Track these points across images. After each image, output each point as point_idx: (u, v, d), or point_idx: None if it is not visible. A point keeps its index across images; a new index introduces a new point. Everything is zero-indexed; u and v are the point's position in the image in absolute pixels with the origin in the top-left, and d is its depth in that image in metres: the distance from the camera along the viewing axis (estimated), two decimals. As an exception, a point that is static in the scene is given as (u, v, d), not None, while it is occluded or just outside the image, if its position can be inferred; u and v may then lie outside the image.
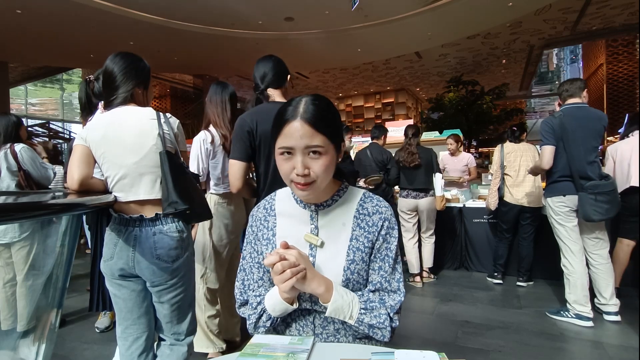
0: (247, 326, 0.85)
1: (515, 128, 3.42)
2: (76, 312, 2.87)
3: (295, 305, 0.79)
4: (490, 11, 6.51)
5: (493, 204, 3.33)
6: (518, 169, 3.19)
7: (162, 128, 1.31)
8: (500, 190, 3.27)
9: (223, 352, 2.07)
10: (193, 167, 1.97)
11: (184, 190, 1.26)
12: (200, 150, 1.96)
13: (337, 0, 5.87)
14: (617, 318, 2.42)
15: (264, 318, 0.82)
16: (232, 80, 11.59)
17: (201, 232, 2.03)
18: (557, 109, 2.56)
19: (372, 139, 3.73)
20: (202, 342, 2.05)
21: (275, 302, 0.79)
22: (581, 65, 13.39)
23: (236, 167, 1.52)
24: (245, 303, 0.89)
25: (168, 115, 1.38)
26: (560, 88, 2.56)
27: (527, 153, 3.22)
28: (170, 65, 9.46)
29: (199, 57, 8.63)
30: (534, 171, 2.67)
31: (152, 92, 1.49)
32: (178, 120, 1.42)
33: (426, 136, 5.09)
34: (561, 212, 2.44)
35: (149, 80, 1.43)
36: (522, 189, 3.17)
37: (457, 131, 4.96)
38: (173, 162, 1.28)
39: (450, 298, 3.03)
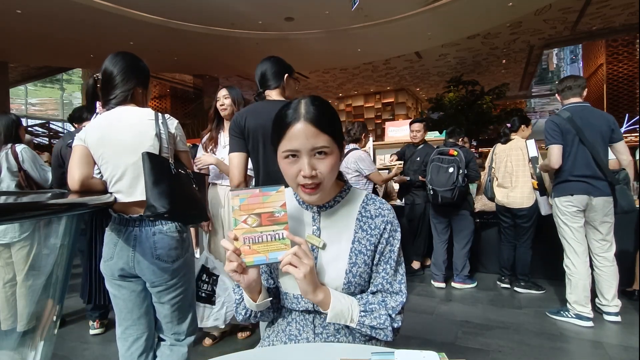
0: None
1: (509, 125, 3.31)
2: (76, 312, 2.87)
3: (260, 301, 0.79)
4: (490, 11, 6.51)
5: (480, 203, 3.35)
6: (504, 170, 3.17)
7: (159, 128, 1.30)
8: (487, 191, 3.27)
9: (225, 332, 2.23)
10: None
11: (163, 194, 1.21)
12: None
13: (337, 0, 5.87)
14: (617, 318, 2.41)
15: (241, 306, 0.85)
16: (232, 81, 11.58)
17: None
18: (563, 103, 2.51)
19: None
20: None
21: (245, 295, 0.81)
22: (581, 65, 13.39)
23: (235, 160, 1.57)
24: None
25: (167, 115, 1.38)
26: (562, 84, 2.49)
27: (513, 152, 3.17)
28: (170, 65, 9.47)
29: (199, 57, 8.63)
30: (544, 169, 2.68)
31: (150, 92, 1.49)
32: (177, 121, 1.42)
33: (426, 136, 5.07)
34: (568, 212, 2.42)
35: (148, 81, 1.43)
36: (506, 191, 3.15)
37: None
38: (154, 163, 1.23)
39: (450, 298, 3.04)
